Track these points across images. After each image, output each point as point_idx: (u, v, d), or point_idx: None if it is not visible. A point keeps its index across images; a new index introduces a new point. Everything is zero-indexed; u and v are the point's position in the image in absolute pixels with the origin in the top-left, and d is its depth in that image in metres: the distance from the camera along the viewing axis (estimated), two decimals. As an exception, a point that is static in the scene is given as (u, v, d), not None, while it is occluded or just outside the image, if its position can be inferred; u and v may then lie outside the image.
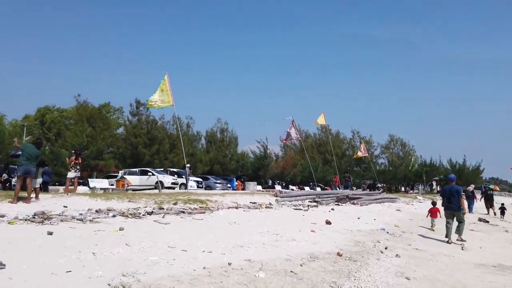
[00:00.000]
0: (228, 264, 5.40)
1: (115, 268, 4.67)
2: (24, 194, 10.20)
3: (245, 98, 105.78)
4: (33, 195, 10.39)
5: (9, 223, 6.93)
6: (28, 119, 50.51)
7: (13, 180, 17.33)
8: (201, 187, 26.33)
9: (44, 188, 17.67)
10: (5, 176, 18.83)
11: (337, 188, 30.43)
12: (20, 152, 10.42)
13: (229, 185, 29.82)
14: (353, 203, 18.29)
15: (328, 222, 10.86)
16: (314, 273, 5.47)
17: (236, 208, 12.58)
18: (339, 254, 6.86)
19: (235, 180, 32.16)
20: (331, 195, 19.85)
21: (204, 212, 10.63)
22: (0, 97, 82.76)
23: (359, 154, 38.17)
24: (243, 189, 29.94)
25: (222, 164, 39.54)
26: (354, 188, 37.20)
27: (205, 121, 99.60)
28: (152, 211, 9.91)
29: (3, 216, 7.47)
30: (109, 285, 4.08)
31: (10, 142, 18.57)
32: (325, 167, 44.59)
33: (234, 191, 24.92)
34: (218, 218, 10.11)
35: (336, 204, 17.54)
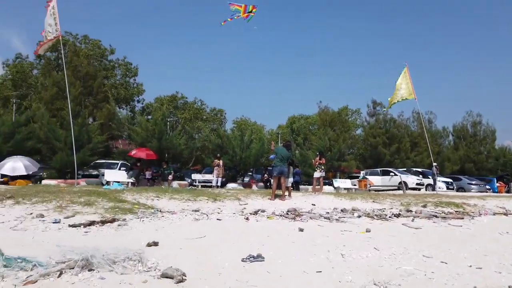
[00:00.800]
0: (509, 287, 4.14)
1: (364, 274, 4.30)
2: (280, 192, 11.38)
3: (500, 85, 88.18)
4: (286, 193, 11.47)
5: (268, 217, 7.74)
6: (281, 128, 58.36)
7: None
8: (452, 189, 23.31)
9: (295, 187, 19.58)
10: (266, 176, 21.99)
11: None
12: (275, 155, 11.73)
13: (488, 187, 25.20)
14: None
15: None
16: None
17: (505, 214, 10.21)
18: None
19: (495, 180, 26.94)
20: None
21: (462, 218, 9.05)
22: (257, 111, 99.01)
23: None
24: (508, 191, 24.71)
25: (476, 163, 34.07)
26: None
27: (450, 115, 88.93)
28: (399, 214, 9.17)
29: (263, 211, 8.45)
30: (360, 292, 3.74)
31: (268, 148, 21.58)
32: None
33: (495, 194, 20.84)
34: (481, 226, 8.39)
35: None
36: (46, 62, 34.33)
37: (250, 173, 22.84)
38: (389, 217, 8.74)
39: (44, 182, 16.20)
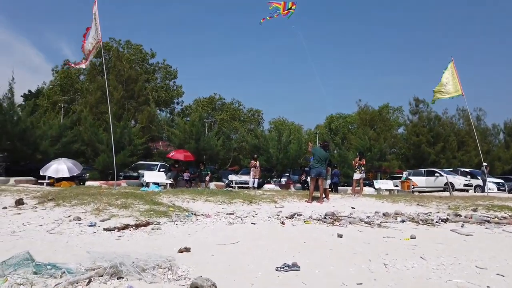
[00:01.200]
0: None
1: (410, 287, 3.93)
2: (317, 194, 11.02)
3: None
4: (324, 195, 11.09)
5: (304, 222, 7.44)
6: (319, 128, 57.48)
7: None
8: (503, 190, 21.84)
9: (334, 188, 19.06)
10: (303, 177, 21.59)
11: None
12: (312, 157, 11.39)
13: (543, 188, 23.35)
14: None
15: None
16: None
17: None
18: None
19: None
20: None
21: (519, 224, 8.28)
22: (298, 111, 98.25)
23: None
24: None
25: (530, 162, 31.72)
26: None
27: (501, 112, 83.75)
28: (447, 218, 8.53)
29: (300, 214, 8.15)
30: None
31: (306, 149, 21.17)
32: None
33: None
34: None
35: None
36: (91, 67, 35.78)
37: (287, 174, 22.53)
38: (436, 222, 8.15)
39: (87, 183, 16.76)
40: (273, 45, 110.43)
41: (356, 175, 14.45)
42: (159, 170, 19.40)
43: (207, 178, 18.71)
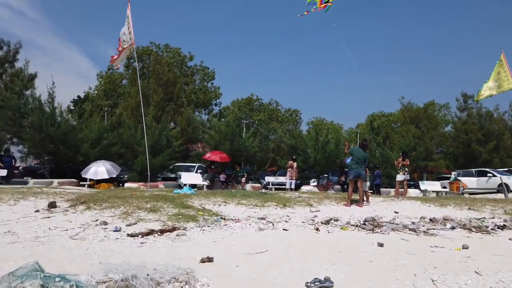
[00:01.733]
0: None
1: (464, 312, 3.32)
2: (356, 196, 10.36)
3: None
4: (364, 198, 10.41)
5: (341, 228, 6.87)
6: (360, 127, 55.81)
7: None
8: None
9: (376, 190, 18.17)
10: (342, 178, 20.77)
11: None
12: (348, 160, 10.74)
13: None
14: None
15: None
16: None
17: None
18: None
19: None
20: None
21: None
22: (337, 110, 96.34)
23: None
24: None
25: None
26: None
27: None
28: (504, 225, 7.63)
29: (337, 220, 7.58)
30: None
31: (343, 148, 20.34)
32: None
33: None
34: None
35: None
36: (133, 72, 36.81)
37: (326, 175, 21.80)
38: (491, 229, 7.29)
39: (126, 185, 17.00)
40: (311, 42, 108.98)
41: (400, 177, 13.54)
42: (196, 172, 19.41)
43: (243, 179, 18.44)
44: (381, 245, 5.61)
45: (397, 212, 8.91)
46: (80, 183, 16.64)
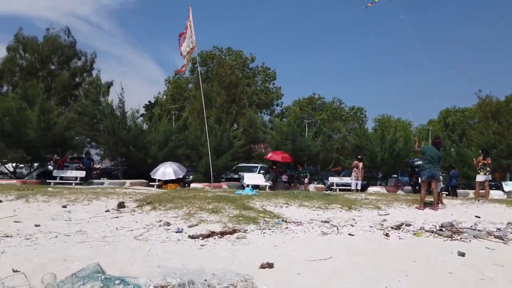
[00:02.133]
0: None
1: None
2: (430, 199, 9.54)
3: None
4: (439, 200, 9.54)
5: (414, 234, 6.28)
6: (432, 123, 52.35)
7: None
8: None
9: (452, 192, 16.72)
10: (414, 179, 19.43)
11: None
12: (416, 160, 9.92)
13: None
14: None
15: None
16: None
17: None
18: None
19: None
20: None
21: None
22: (407, 106, 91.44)
23: None
24: None
25: None
26: None
27: None
28: None
29: (409, 224, 6.97)
30: None
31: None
32: None
33: None
34: None
35: None
36: (197, 76, 38.04)
37: (395, 175, 20.56)
38: None
39: (192, 185, 17.46)
40: (375, 37, 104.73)
41: (480, 177, 12.25)
42: (259, 172, 19.39)
43: (306, 180, 18.03)
44: (462, 254, 4.99)
45: (479, 217, 8.01)
46: (150, 183, 17.40)
